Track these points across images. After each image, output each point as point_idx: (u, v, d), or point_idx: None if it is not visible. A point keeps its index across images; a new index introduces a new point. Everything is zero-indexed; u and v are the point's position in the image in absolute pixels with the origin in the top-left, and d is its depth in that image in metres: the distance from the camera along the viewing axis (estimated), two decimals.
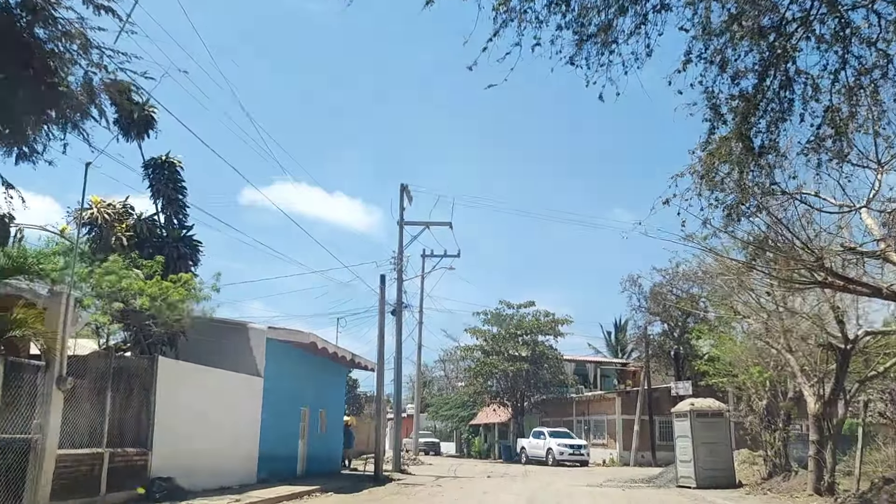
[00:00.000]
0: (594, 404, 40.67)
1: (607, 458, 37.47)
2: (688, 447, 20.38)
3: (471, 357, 43.99)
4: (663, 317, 36.51)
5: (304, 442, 22.00)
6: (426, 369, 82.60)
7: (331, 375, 24.83)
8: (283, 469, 19.78)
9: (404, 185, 28.96)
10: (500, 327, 43.39)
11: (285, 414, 20.35)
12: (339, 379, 26.27)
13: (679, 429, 21.08)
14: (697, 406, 20.59)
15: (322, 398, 23.71)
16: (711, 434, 20.30)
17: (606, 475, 27.68)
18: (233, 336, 18.57)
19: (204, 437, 15.58)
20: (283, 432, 20.06)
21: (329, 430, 24.50)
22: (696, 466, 20.03)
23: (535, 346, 42.32)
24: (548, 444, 36.18)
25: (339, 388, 26.55)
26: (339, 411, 26.24)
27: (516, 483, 23.11)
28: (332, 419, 24.78)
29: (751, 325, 19.58)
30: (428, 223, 28.88)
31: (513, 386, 43.13)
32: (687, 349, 36.67)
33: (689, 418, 20.43)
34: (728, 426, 20.61)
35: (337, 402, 25.94)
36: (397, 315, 27.83)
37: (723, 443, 20.34)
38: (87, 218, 16.02)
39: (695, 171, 11.19)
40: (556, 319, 43.14)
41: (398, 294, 28.08)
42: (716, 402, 21.11)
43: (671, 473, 23.08)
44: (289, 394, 20.56)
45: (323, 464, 23.51)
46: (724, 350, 21.71)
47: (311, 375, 22.62)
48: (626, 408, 37.72)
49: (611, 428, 38.34)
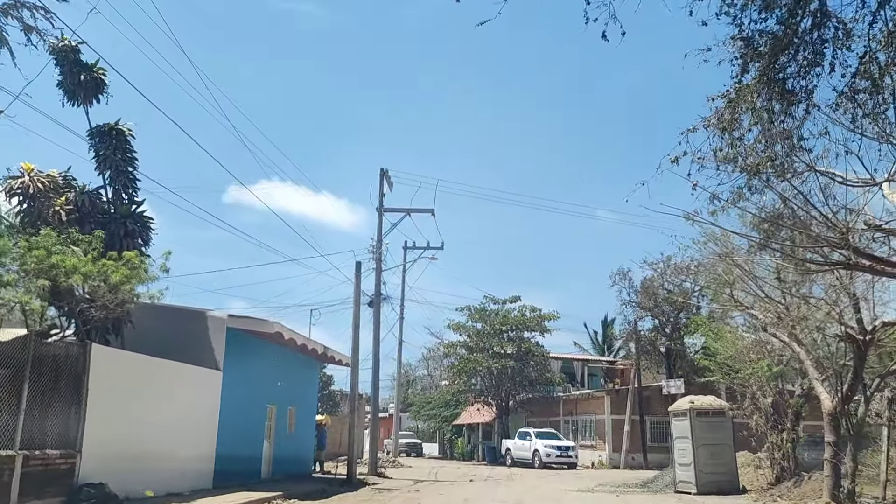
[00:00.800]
0: (582, 404, 39.03)
1: (596, 461, 35.88)
2: (687, 449, 18.78)
3: (454, 354, 42.21)
4: (654, 312, 34.98)
5: (269, 442, 20.21)
6: (410, 368, 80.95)
7: (301, 370, 23.04)
8: (244, 472, 18.00)
9: (384, 170, 27.27)
10: (485, 323, 41.71)
11: (248, 412, 18.57)
12: (311, 375, 24.46)
13: (677, 429, 19.48)
14: (698, 404, 18.99)
15: (291, 395, 21.92)
16: (713, 435, 18.70)
17: (597, 479, 26.05)
18: (189, 325, 16.79)
19: (149, 437, 13.78)
20: (245, 432, 18.27)
21: (299, 430, 22.72)
22: (697, 470, 18.43)
23: (521, 343, 40.65)
24: (534, 446, 34.54)
25: (311, 385, 24.75)
26: (310, 409, 24.46)
27: (500, 488, 21.44)
28: (302, 418, 22.99)
29: (755, 316, 17.99)
30: (409, 210, 27.20)
31: (497, 384, 41.42)
32: (679, 346, 35.19)
33: (688, 418, 18.83)
34: (731, 426, 19.02)
35: (308, 400, 24.15)
36: (375, 307, 26.12)
37: (725, 444, 18.74)
38: (17, 187, 14.16)
39: (710, 125, 9.57)
40: (542, 315, 41.48)
41: (376, 284, 26.39)
42: (717, 399, 19.53)
43: (668, 477, 21.48)
44: (252, 389, 18.77)
45: (292, 466, 21.74)
46: (723, 344, 20.14)
47: (279, 370, 20.83)
48: (616, 407, 36.13)
49: (600, 428, 36.72)
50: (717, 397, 37.31)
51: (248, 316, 17.41)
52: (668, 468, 23.72)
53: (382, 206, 26.95)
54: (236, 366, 17.35)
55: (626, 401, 35.80)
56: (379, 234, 26.63)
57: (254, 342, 18.42)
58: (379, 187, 27.01)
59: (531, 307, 42.01)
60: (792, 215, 12.33)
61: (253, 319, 17.37)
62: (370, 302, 25.89)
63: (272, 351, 19.91)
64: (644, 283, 34.62)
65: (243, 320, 17.13)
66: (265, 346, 19.21)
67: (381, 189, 26.96)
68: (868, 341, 14.21)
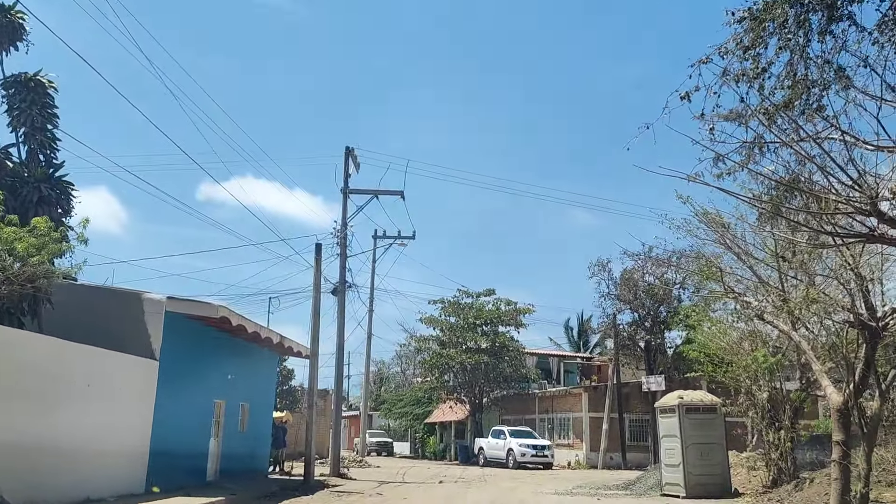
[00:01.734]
0: (559, 401, 37.42)
1: (573, 460, 34.30)
2: (675, 448, 17.17)
3: (426, 349, 40.38)
4: (634, 305, 33.45)
5: (217, 441, 18.29)
6: (383, 366, 79.09)
7: (257, 363, 21.12)
8: (186, 473, 16.08)
9: (350, 149, 25.39)
10: (458, 317, 39.97)
11: (191, 406, 16.63)
12: (269, 368, 22.50)
13: (665, 427, 17.88)
14: (687, 399, 17.40)
15: (244, 389, 20.01)
16: (704, 433, 17.11)
17: (574, 479, 24.43)
18: (122, 308, 14.81)
19: (64, 434, 11.83)
20: (187, 428, 16.33)
21: (253, 427, 20.80)
22: (686, 472, 16.82)
23: (496, 337, 38.96)
24: (508, 445, 32.87)
25: (269, 379, 22.78)
26: (267, 405, 22.51)
27: (471, 490, 19.71)
28: (258, 414, 21.08)
29: (748, 303, 16.39)
30: (376, 192, 25.30)
31: (471, 380, 39.69)
32: (659, 340, 33.73)
33: (677, 414, 17.22)
34: (723, 424, 17.45)
35: (265, 395, 22.20)
36: (339, 295, 24.23)
37: (717, 443, 17.16)
38: None
39: (726, 52, 7.87)
40: (517, 308, 39.85)
41: (341, 271, 24.51)
42: (708, 395, 17.94)
43: (652, 479, 19.90)
44: (197, 382, 16.85)
45: (245, 466, 19.84)
46: (712, 334, 18.53)
47: (230, 362, 18.92)
48: (594, 405, 34.57)
49: (577, 427, 35.13)
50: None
51: (189, 299, 15.46)
52: (651, 469, 22.17)
53: (347, 186, 25.08)
54: (177, 355, 15.42)
55: (604, 398, 34.27)
56: (343, 216, 24.78)
57: (199, 330, 16.50)
58: (344, 167, 25.18)
59: (506, 300, 40.44)
60: (809, 180, 10.73)
61: (195, 303, 15.42)
62: (334, 290, 24.02)
63: (222, 341, 18.00)
64: (624, 274, 33.10)
65: (184, 303, 15.18)
66: (213, 334, 17.30)
67: (345, 168, 25.12)
68: (881, 328, 12.69)
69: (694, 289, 24.30)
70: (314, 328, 19.62)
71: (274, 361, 22.82)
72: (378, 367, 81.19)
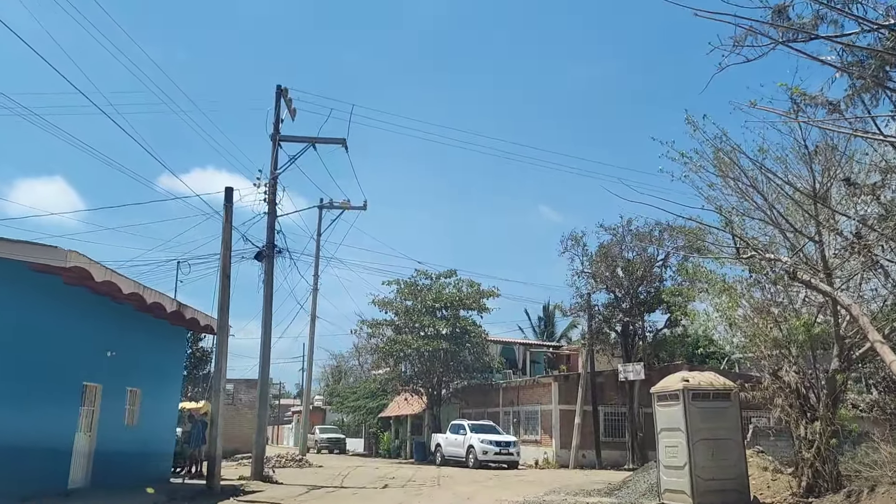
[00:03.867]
0: (526, 392, 33.57)
1: (541, 458, 30.52)
2: (679, 445, 13.41)
3: (379, 334, 36.25)
4: (611, 284, 29.77)
5: (89, 436, 14.10)
6: (342, 360, 74.57)
7: (155, 338, 16.91)
8: (34, 478, 11.87)
9: (282, 88, 21.22)
10: (415, 300, 35.98)
11: (43, 390, 12.40)
12: (173, 346, 18.19)
13: (664, 417, 14.11)
14: (694, 383, 13.62)
15: (134, 370, 15.83)
16: (715, 426, 13.37)
17: (545, 482, 20.66)
18: None
19: None
20: (35, 420, 12.11)
21: (149, 420, 16.58)
22: (693, 475, 13.06)
23: (457, 322, 35.04)
24: (468, 441, 28.98)
25: (172, 360, 18.43)
26: (170, 393, 18.23)
27: (420, 499, 15.77)
28: (154, 403, 16.85)
29: (777, 260, 12.73)
30: (314, 139, 21.11)
31: (428, 369, 35.69)
32: (639, 323, 30.11)
33: (681, 402, 13.45)
34: (738, 413, 13.73)
35: (166, 380, 17.89)
36: (266, 261, 20.07)
37: (732, 439, 13.43)
38: None
39: None
40: (481, 291, 35.99)
41: (268, 232, 20.36)
42: (719, 377, 14.16)
43: (643, 482, 16.18)
44: (53, 358, 12.63)
45: (134, 469, 15.61)
46: (722, 303, 14.80)
47: (111, 334, 14.71)
48: (565, 396, 30.83)
49: (546, 421, 31.34)
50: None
51: (21, 240, 11.13)
52: (640, 470, 18.45)
53: (278, 132, 20.94)
54: (14, 320, 11.24)
55: (576, 388, 30.57)
56: (273, 167, 20.62)
57: (58, 288, 12.30)
58: (275, 109, 21.03)
59: (469, 281, 36.57)
60: None
61: (31, 245, 11.10)
62: (259, 254, 19.87)
63: (100, 307, 13.81)
64: (601, 249, 29.38)
65: (15, 246, 10.90)
66: (84, 297, 13.10)
67: (276, 110, 20.99)
68: None
69: (687, 253, 20.53)
70: (222, 295, 15.47)
71: (181, 339, 18.55)
72: (337, 360, 76.88)
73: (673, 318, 28.25)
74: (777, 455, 16.65)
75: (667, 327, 29.83)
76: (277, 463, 27.92)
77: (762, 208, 13.03)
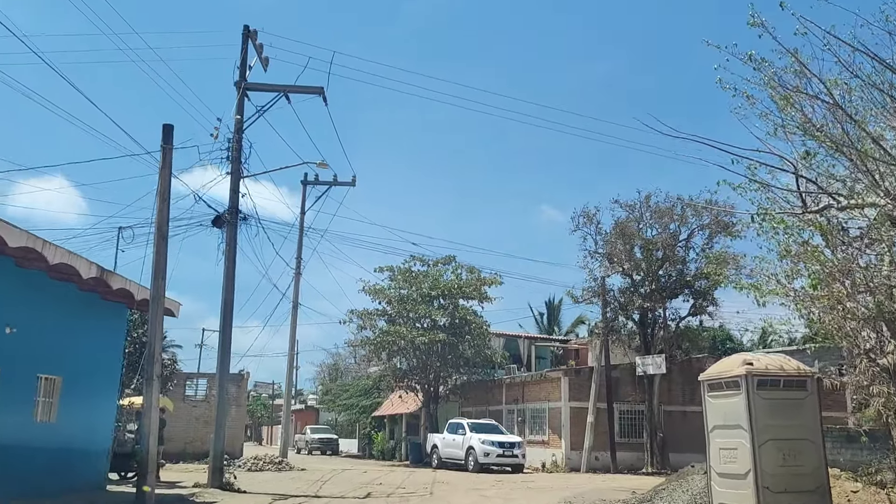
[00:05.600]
0: (532, 388, 30.36)
1: (548, 461, 27.38)
2: (740, 447, 10.28)
3: (370, 325, 33.07)
4: (628, 266, 26.60)
5: None
6: (339, 358, 71.30)
7: (79, 317, 13.76)
8: None
9: (249, 30, 18.12)
10: (410, 288, 32.87)
11: None
12: (105, 326, 14.90)
13: (718, 412, 10.97)
14: (760, 366, 10.46)
15: (48, 355, 12.70)
16: (789, 422, 10.22)
17: (558, 489, 17.56)
18: None
19: None
20: None
21: (72, 415, 13.40)
22: (759, 486, 9.92)
23: (456, 312, 31.90)
24: (468, 442, 25.88)
25: (106, 343, 15.12)
26: (104, 384, 15.00)
27: None
28: (82, 395, 13.68)
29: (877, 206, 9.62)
30: (285, 88, 17.94)
31: (425, 364, 32.54)
32: (660, 310, 26.94)
33: (743, 391, 10.30)
34: (817, 406, 10.59)
35: (100, 368, 14.66)
36: (228, 228, 16.96)
37: (808, 439, 10.31)
38: None
39: None
40: (481, 279, 32.86)
41: (231, 195, 17.26)
42: (791, 360, 11.03)
43: (683, 493, 13.08)
44: None
45: (48, 474, 12.48)
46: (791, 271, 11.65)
47: (6, 306, 11.58)
48: (576, 392, 27.67)
49: (554, 419, 28.16)
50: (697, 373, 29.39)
51: None
52: (674, 477, 15.28)
53: (245, 79, 17.83)
54: None
55: (588, 383, 27.42)
56: (239, 121, 17.51)
57: None
58: (241, 51, 17.92)
59: (469, 267, 33.44)
60: None
61: None
62: (218, 218, 16.75)
63: None
64: (617, 226, 26.22)
65: None
66: None
67: (243, 52, 17.88)
68: None
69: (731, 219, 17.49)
70: (157, 258, 12.34)
71: (119, 319, 15.36)
72: (334, 358, 73.66)
73: (712, 286, 24.88)
74: (847, 462, 13.63)
75: (691, 315, 26.66)
76: (254, 466, 24.88)
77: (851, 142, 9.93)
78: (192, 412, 29.98)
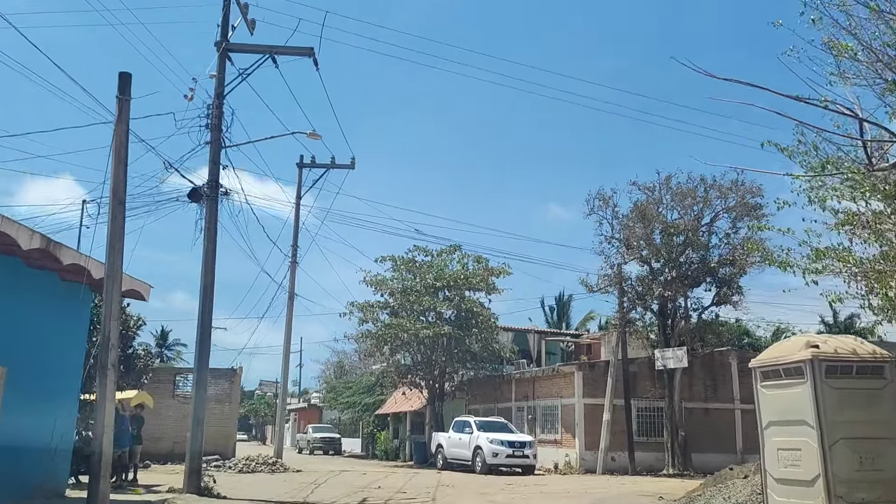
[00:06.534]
0: (543, 384, 28.53)
1: (562, 462, 25.57)
2: (805, 447, 8.50)
3: (372, 318, 31.29)
4: (647, 253, 24.73)
5: None
6: (345, 356, 69.41)
7: (29, 299, 11.99)
8: None
9: None
10: (413, 279, 31.12)
11: None
12: (63, 310, 13.09)
13: (775, 404, 9.16)
14: (828, 349, 8.68)
15: None
16: (865, 417, 8.48)
17: (575, 494, 15.76)
18: None
19: None
20: None
21: (21, 411, 11.61)
22: (832, 494, 8.16)
23: (462, 303, 30.11)
24: (475, 441, 24.13)
25: (65, 329, 13.29)
26: (67, 375, 13.24)
27: None
28: (35, 391, 11.90)
29: None
30: (271, 49, 16.14)
31: (429, 359, 30.77)
32: (679, 301, 25.09)
33: (808, 379, 8.51)
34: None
35: (57, 358, 12.89)
36: (207, 202, 15.21)
37: (890, 437, 8.52)
38: None
39: None
40: (489, 269, 31.08)
41: (211, 166, 15.52)
42: (865, 343, 9.22)
43: (728, 500, 11.24)
44: None
45: None
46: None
47: None
48: (591, 388, 25.84)
49: (567, 417, 26.32)
50: (722, 367, 27.67)
51: None
52: (711, 481, 13.44)
53: (227, 40, 16.06)
54: None
55: (604, 378, 25.60)
56: (219, 83, 15.76)
57: None
58: (223, 7, 16.18)
59: (476, 257, 31.66)
60: None
61: None
62: (194, 191, 14.99)
63: None
64: (636, 208, 24.36)
65: None
66: None
67: (225, 8, 16.13)
68: None
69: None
70: (112, 228, 10.61)
71: (83, 302, 13.58)
72: (339, 356, 71.85)
73: (737, 273, 23.13)
74: None
75: (714, 304, 24.77)
76: (245, 467, 23.23)
77: None
78: (182, 409, 28.23)
